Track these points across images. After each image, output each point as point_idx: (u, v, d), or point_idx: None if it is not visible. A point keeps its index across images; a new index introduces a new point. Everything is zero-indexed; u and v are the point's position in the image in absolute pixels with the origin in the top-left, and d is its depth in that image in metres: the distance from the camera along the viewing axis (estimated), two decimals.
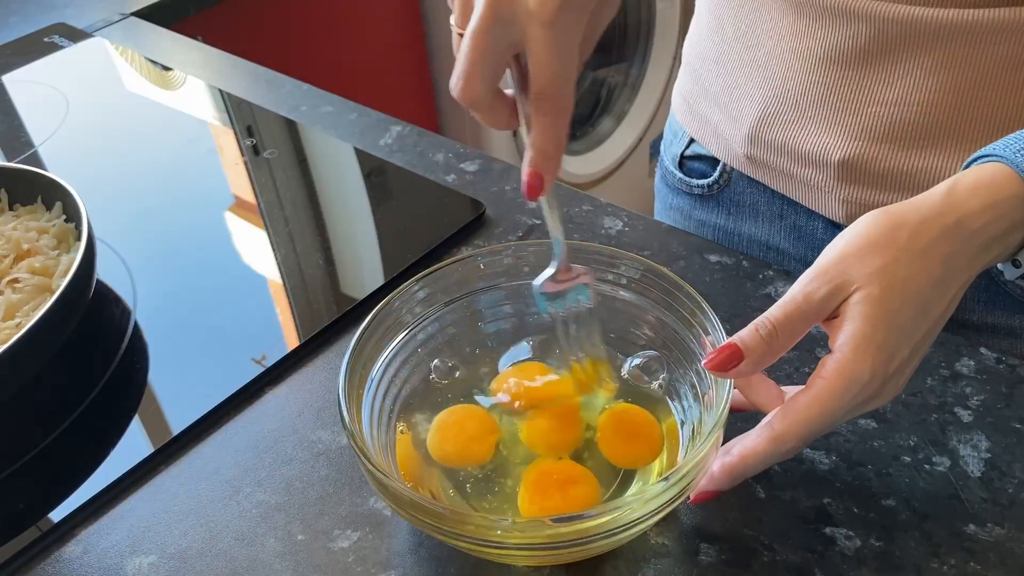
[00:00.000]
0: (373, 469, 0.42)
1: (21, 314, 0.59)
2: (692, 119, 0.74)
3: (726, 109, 0.68)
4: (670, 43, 1.95)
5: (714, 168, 0.73)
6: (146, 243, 0.73)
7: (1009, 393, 0.54)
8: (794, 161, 0.64)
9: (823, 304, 0.43)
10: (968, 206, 0.43)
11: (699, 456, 0.42)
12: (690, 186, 0.76)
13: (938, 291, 0.43)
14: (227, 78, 0.95)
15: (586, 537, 0.41)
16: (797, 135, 0.63)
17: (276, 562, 0.49)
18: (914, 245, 0.42)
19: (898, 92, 0.57)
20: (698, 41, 0.71)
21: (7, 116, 0.90)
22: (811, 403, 0.42)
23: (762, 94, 0.64)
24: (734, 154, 0.69)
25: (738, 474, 0.44)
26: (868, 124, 0.59)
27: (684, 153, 0.76)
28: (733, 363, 0.43)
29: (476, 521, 0.41)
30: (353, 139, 0.83)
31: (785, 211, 0.70)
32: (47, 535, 0.51)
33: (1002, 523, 0.47)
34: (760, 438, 0.43)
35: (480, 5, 0.42)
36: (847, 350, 0.41)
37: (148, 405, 0.58)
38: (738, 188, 0.72)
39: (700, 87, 0.71)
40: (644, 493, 0.41)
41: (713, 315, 0.47)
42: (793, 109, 0.62)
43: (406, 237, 0.70)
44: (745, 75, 0.65)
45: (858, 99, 0.59)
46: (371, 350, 0.50)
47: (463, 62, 0.43)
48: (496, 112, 0.45)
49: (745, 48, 0.65)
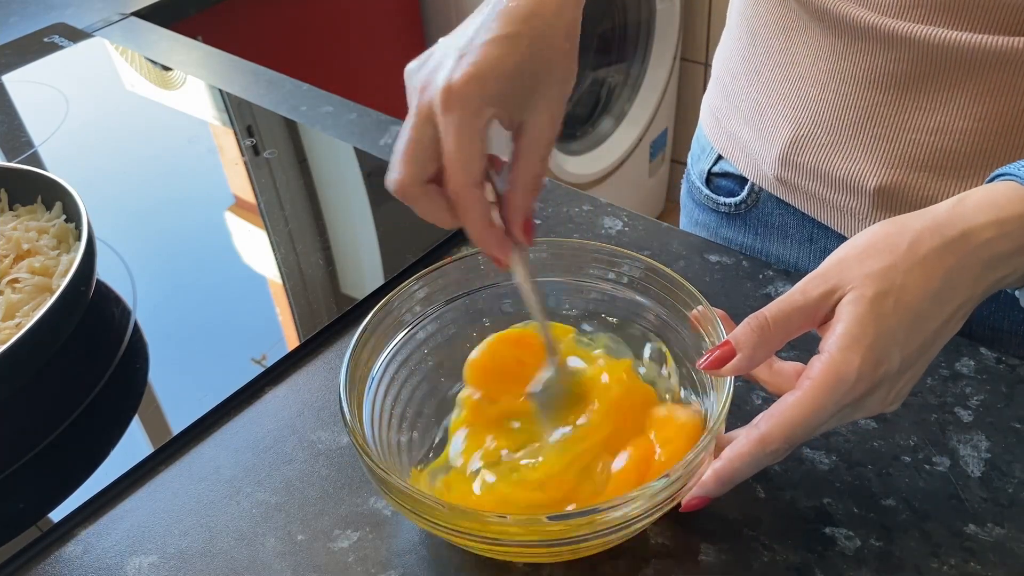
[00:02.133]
0: (374, 466, 0.42)
1: (21, 314, 0.59)
2: (721, 135, 0.72)
3: (757, 128, 0.66)
4: (670, 43, 1.95)
5: (742, 187, 0.71)
6: (146, 243, 0.73)
7: (1009, 393, 0.54)
8: (827, 186, 0.62)
9: (819, 302, 0.42)
10: (974, 220, 0.42)
11: (695, 457, 0.42)
12: (717, 203, 0.74)
13: (935, 305, 0.42)
14: (227, 78, 0.95)
15: (582, 535, 0.41)
16: (831, 160, 0.61)
17: (276, 562, 0.49)
18: (914, 252, 0.41)
19: (940, 120, 0.56)
20: (729, 56, 0.69)
21: (7, 116, 0.90)
22: (796, 403, 0.41)
23: (795, 115, 0.62)
24: (763, 175, 0.67)
25: (727, 478, 0.43)
26: (907, 152, 0.57)
27: (712, 169, 0.74)
28: (726, 359, 0.43)
29: (475, 517, 0.41)
30: (353, 139, 0.83)
31: (815, 235, 0.68)
32: (47, 535, 0.51)
33: (1002, 523, 0.47)
34: (746, 440, 0.42)
35: (410, 99, 0.44)
36: (834, 350, 0.41)
37: (148, 405, 0.58)
38: (767, 209, 0.70)
39: (730, 103, 0.69)
40: (644, 491, 0.41)
41: (714, 314, 0.48)
42: (828, 133, 0.61)
43: (406, 237, 0.70)
44: (778, 95, 0.63)
45: (897, 125, 0.57)
46: (371, 349, 0.50)
47: (393, 157, 0.45)
48: (431, 203, 0.45)
49: (779, 66, 0.63)
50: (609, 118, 2.02)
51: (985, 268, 0.42)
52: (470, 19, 0.46)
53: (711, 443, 0.42)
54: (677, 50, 1.98)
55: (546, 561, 0.47)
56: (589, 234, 0.69)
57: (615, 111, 2.01)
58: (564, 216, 0.71)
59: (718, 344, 0.43)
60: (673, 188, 2.27)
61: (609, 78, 2.00)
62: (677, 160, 2.22)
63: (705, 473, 0.43)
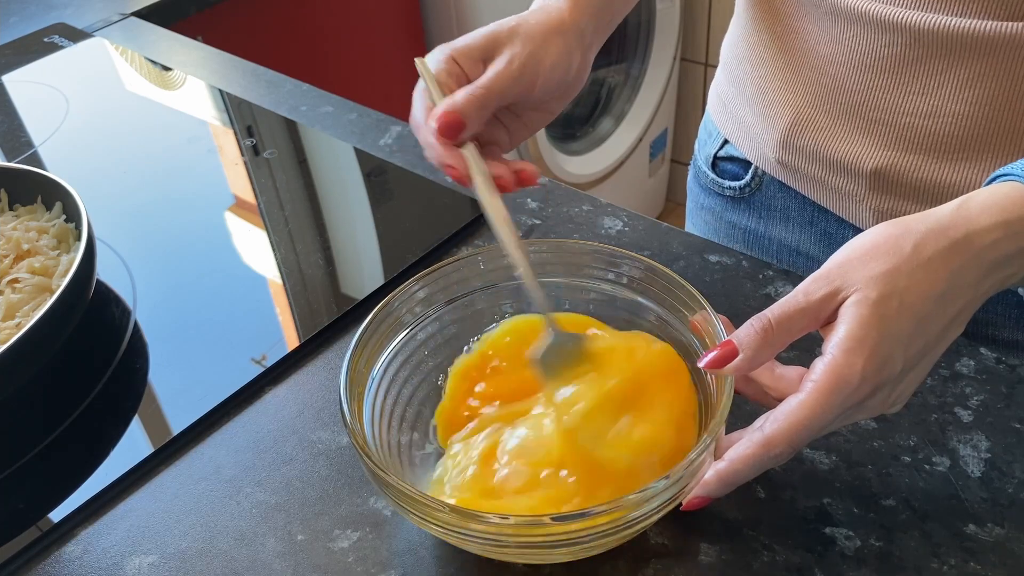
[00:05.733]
0: (375, 468, 0.42)
1: (21, 314, 0.59)
2: (727, 119, 0.73)
3: (760, 112, 0.68)
4: (670, 43, 1.95)
5: (747, 171, 0.73)
6: (146, 243, 0.73)
7: (1009, 393, 0.54)
8: (826, 168, 0.64)
9: (821, 304, 0.42)
10: (979, 222, 0.42)
11: (697, 458, 0.42)
12: (722, 187, 0.76)
13: (939, 306, 0.42)
14: (227, 78, 0.95)
15: (583, 536, 0.41)
16: (830, 142, 0.62)
17: (276, 562, 0.49)
18: (918, 255, 0.41)
19: (933, 103, 0.56)
20: (735, 42, 0.71)
21: (7, 116, 0.90)
22: (800, 406, 0.41)
23: (795, 99, 0.64)
24: (766, 158, 0.69)
25: (730, 480, 0.43)
26: (902, 134, 0.59)
27: (718, 154, 0.76)
28: (728, 359, 0.43)
29: (477, 518, 0.41)
30: (353, 139, 0.83)
31: (816, 218, 0.69)
32: (47, 535, 0.51)
33: (1002, 523, 0.47)
34: (750, 442, 0.42)
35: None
36: (837, 352, 0.41)
37: (148, 405, 0.58)
38: (769, 192, 0.72)
39: (736, 88, 0.71)
40: (645, 492, 0.41)
41: (714, 314, 0.48)
42: (826, 116, 0.62)
43: (406, 237, 0.70)
44: (779, 79, 0.65)
45: (892, 108, 0.58)
46: (372, 349, 0.50)
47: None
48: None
49: (779, 51, 0.64)
50: (609, 118, 2.02)
51: (990, 269, 0.42)
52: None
53: (712, 444, 0.42)
54: (677, 50, 1.98)
55: (547, 562, 0.47)
56: (589, 234, 0.69)
57: (615, 111, 2.01)
58: (564, 216, 0.71)
59: (720, 343, 0.43)
60: (673, 188, 2.27)
61: (609, 78, 2.00)
62: (677, 160, 2.22)
63: (707, 473, 0.43)
